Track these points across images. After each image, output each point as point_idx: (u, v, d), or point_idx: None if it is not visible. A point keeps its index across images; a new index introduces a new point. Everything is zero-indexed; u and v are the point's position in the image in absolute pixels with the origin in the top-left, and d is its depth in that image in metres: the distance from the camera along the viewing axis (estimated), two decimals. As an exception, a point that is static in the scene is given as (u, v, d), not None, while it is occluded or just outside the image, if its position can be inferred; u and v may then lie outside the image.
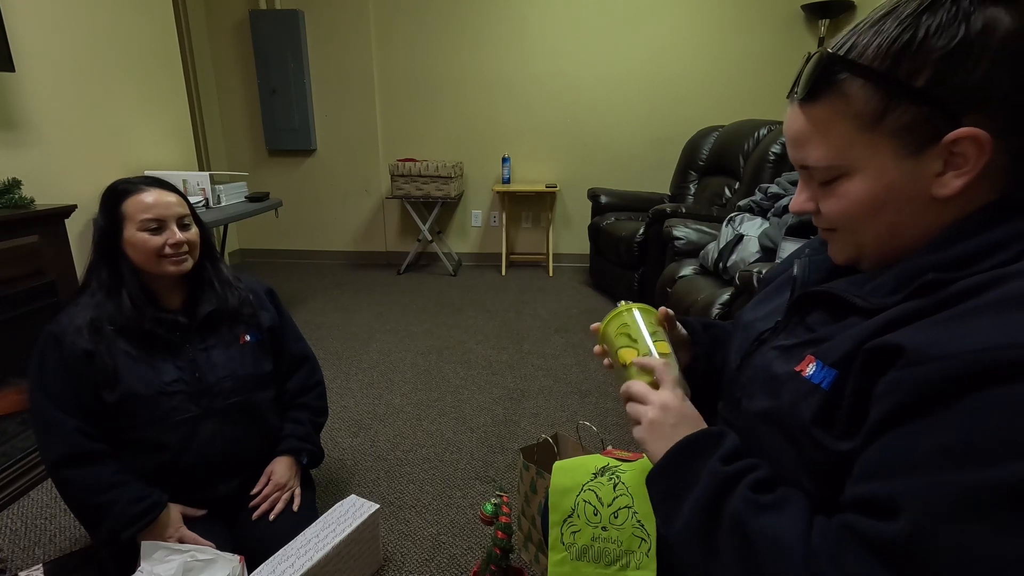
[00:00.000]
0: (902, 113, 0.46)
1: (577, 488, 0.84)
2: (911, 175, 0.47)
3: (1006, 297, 0.40)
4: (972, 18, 0.43)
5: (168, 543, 1.04)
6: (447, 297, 3.37)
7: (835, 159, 0.50)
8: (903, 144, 0.47)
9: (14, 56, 1.76)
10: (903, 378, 0.42)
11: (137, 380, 1.07)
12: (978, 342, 0.39)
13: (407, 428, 1.90)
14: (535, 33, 3.72)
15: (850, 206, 0.51)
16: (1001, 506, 0.36)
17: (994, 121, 0.44)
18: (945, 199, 0.47)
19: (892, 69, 0.46)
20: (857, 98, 0.47)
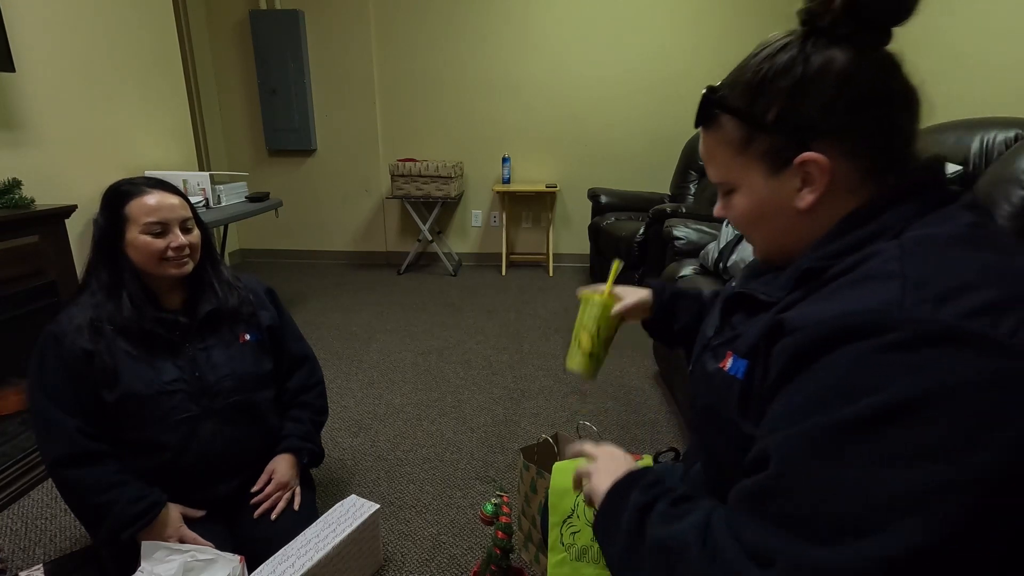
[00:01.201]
0: (761, 142, 0.55)
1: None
2: (776, 191, 0.56)
3: (857, 278, 0.48)
4: (811, 59, 0.52)
5: (168, 543, 1.04)
6: (447, 297, 3.37)
7: (723, 177, 0.60)
8: (766, 166, 0.56)
9: (14, 56, 1.76)
10: (780, 349, 0.49)
11: (137, 380, 1.06)
12: (832, 311, 0.46)
13: (407, 428, 1.90)
14: (535, 33, 3.72)
15: (738, 216, 0.61)
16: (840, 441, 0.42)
17: (839, 145, 0.52)
18: (809, 210, 0.55)
19: (749, 106, 0.55)
20: (728, 129, 0.57)
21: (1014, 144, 1.64)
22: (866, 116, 0.52)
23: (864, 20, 0.51)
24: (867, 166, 0.53)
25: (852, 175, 0.53)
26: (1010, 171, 1.54)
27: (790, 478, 0.44)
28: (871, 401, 0.41)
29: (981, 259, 0.45)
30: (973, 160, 1.71)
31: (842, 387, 0.43)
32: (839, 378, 0.44)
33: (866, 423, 0.42)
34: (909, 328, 0.42)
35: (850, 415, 0.42)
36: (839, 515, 0.41)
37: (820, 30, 0.53)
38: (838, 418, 0.43)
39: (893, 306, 0.43)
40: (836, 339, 0.44)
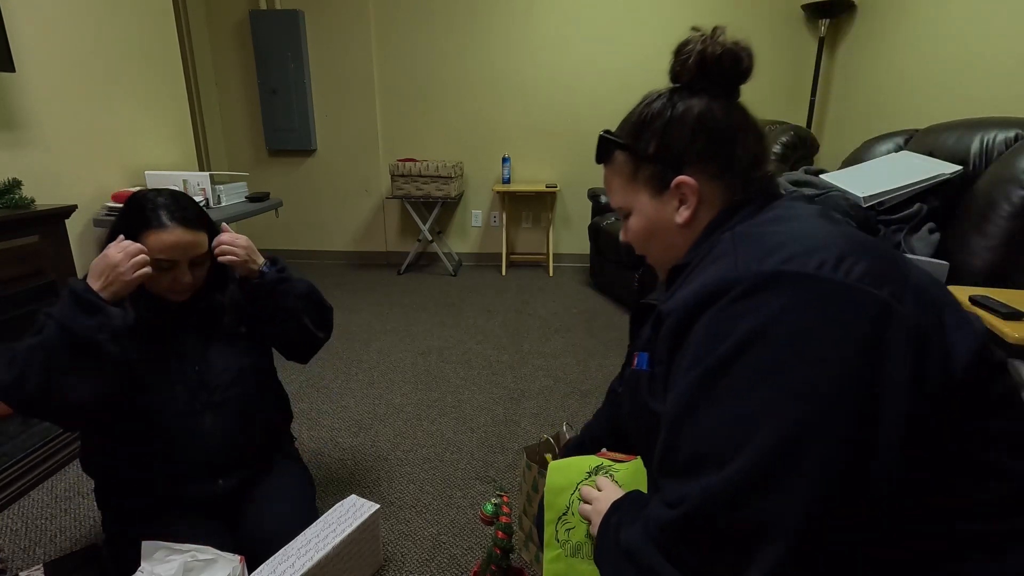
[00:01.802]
0: (645, 170, 0.71)
1: (571, 487, 0.85)
2: (660, 210, 0.71)
3: (705, 264, 0.62)
4: (677, 105, 0.69)
5: (168, 543, 1.04)
6: (447, 297, 3.37)
7: (620, 203, 0.75)
8: (651, 190, 0.71)
9: (14, 56, 1.76)
10: (663, 334, 0.61)
11: (137, 372, 1.06)
12: (692, 289, 0.58)
13: (407, 428, 1.90)
14: (535, 33, 3.72)
15: (635, 234, 0.75)
16: (704, 389, 0.53)
17: (702, 169, 0.68)
18: (685, 224, 0.69)
19: (635, 142, 0.71)
20: (621, 162, 0.74)
21: (1014, 144, 1.64)
22: (719, 147, 0.68)
23: (711, 80, 0.69)
24: (724, 185, 0.68)
25: (714, 193, 0.69)
26: (1010, 171, 1.55)
27: (674, 435, 0.55)
28: (721, 348, 0.52)
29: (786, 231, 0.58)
30: (973, 160, 1.71)
31: (704, 344, 0.54)
32: (700, 340, 0.55)
33: (720, 366, 0.52)
34: (743, 283, 0.53)
35: (709, 363, 0.52)
36: (712, 447, 0.51)
37: (683, 86, 0.71)
38: (702, 369, 0.53)
39: (730, 272, 0.55)
40: (698, 308, 0.56)
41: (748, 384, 0.50)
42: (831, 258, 0.52)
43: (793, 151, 2.67)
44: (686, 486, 0.52)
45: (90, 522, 1.44)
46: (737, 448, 0.49)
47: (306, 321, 1.22)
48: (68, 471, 1.65)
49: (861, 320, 0.49)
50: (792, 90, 3.62)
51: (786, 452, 0.47)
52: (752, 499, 0.48)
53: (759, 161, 0.69)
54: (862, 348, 0.48)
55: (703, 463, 0.51)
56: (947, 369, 0.49)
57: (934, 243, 1.65)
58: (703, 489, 0.50)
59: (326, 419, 1.96)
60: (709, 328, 0.54)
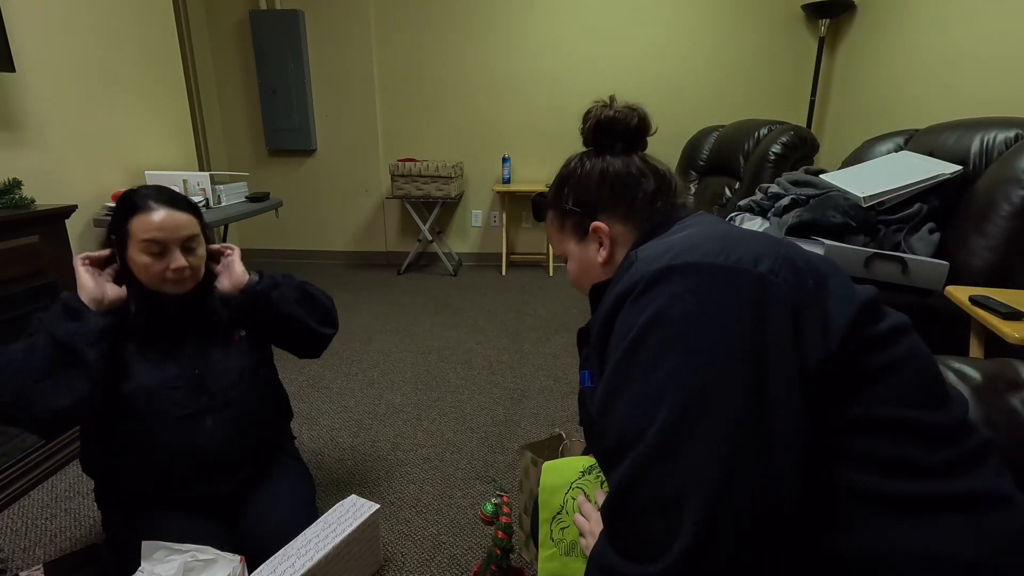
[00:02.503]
0: (568, 221, 0.83)
1: (566, 486, 0.86)
2: (584, 253, 0.82)
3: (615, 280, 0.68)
4: (585, 164, 0.81)
5: (169, 543, 1.04)
6: (447, 297, 3.37)
7: (558, 252, 0.88)
8: (576, 237, 0.83)
9: (14, 56, 1.76)
10: (591, 346, 0.70)
11: (137, 376, 1.07)
12: (604, 306, 0.66)
13: (407, 428, 1.90)
14: (535, 33, 3.72)
15: (572, 277, 0.86)
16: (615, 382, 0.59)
17: (612, 214, 0.79)
18: (606, 262, 0.79)
19: (556, 199, 0.84)
20: (551, 218, 0.87)
21: (1014, 144, 1.64)
22: (621, 193, 0.78)
23: (610, 140, 0.81)
24: (633, 223, 0.78)
25: (625, 231, 0.78)
26: (1010, 171, 1.54)
27: (601, 428, 0.61)
28: (628, 337, 0.58)
29: (679, 237, 0.66)
30: (973, 160, 1.71)
31: (615, 341, 0.60)
32: (614, 338, 0.61)
33: (627, 354, 0.58)
34: (643, 280, 0.59)
35: (618, 354, 0.59)
36: (629, 429, 0.56)
37: (589, 149, 0.83)
38: (612, 363, 0.59)
39: (634, 275, 0.61)
40: (612, 315, 0.63)
41: (651, 363, 0.56)
42: (714, 248, 0.58)
43: (793, 151, 2.67)
44: (614, 473, 0.57)
45: (90, 522, 1.44)
46: (647, 425, 0.54)
47: (310, 323, 1.22)
48: (68, 471, 1.65)
49: (741, 292, 0.55)
50: (792, 90, 3.61)
51: (689, 415, 0.52)
52: (666, 465, 0.52)
53: (661, 196, 0.79)
54: (745, 316, 0.54)
55: (625, 444, 0.56)
56: (825, 338, 0.54)
57: (934, 243, 1.65)
58: (626, 466, 0.55)
59: (326, 419, 1.96)
60: (619, 328, 0.60)
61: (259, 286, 1.17)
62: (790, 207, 1.83)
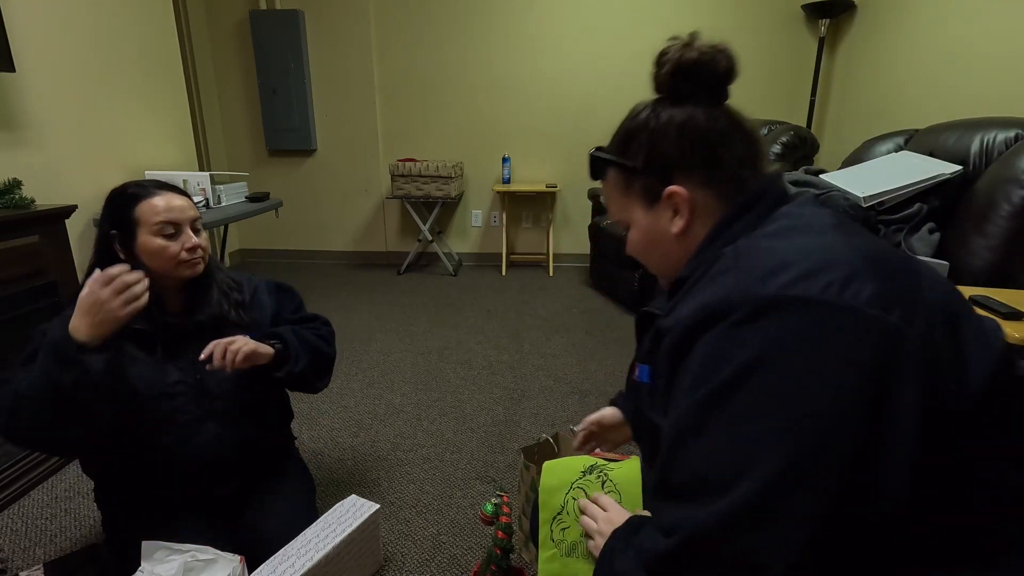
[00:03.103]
0: (636, 183, 0.70)
1: (566, 486, 0.85)
2: (655, 222, 0.70)
3: (706, 280, 0.60)
4: (660, 115, 0.67)
5: (169, 543, 1.04)
6: (447, 297, 3.37)
7: (618, 216, 0.75)
8: (644, 202, 0.70)
9: (14, 56, 1.76)
10: (664, 350, 0.60)
11: (139, 381, 1.06)
12: (691, 308, 0.57)
13: (407, 428, 1.90)
14: (535, 33, 3.72)
15: (634, 248, 0.75)
16: (704, 414, 0.52)
17: (693, 178, 0.66)
18: (681, 233, 0.68)
19: (624, 157, 0.70)
20: (613, 177, 0.73)
21: (1014, 144, 1.64)
22: (704, 154, 0.65)
23: (691, 87, 0.66)
24: (716, 191, 0.66)
25: (709, 200, 0.66)
26: (1010, 171, 1.54)
27: (676, 452, 0.54)
28: (723, 373, 0.51)
29: (794, 244, 0.56)
30: (973, 160, 1.71)
31: (706, 366, 0.53)
32: (703, 359, 0.54)
33: (720, 393, 0.51)
34: (746, 305, 0.51)
35: (711, 387, 0.51)
36: (712, 474, 0.50)
37: (665, 95, 0.69)
38: (701, 396, 0.52)
39: (733, 292, 0.53)
40: (697, 329, 0.55)
41: (748, 413, 0.49)
42: (838, 279, 0.49)
43: (793, 151, 2.67)
44: (680, 512, 0.52)
45: (90, 522, 1.44)
46: (735, 478, 0.48)
47: (311, 378, 1.25)
48: (68, 471, 1.65)
49: (867, 347, 0.47)
50: (792, 90, 3.61)
51: (784, 485, 0.46)
52: (748, 532, 0.47)
53: (750, 163, 0.67)
54: (868, 377, 0.46)
55: (699, 490, 0.51)
56: (961, 389, 0.48)
57: (934, 243, 1.65)
58: (698, 519, 0.50)
59: (326, 419, 1.96)
60: (710, 351, 0.53)
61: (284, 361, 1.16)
62: (790, 207, 1.83)
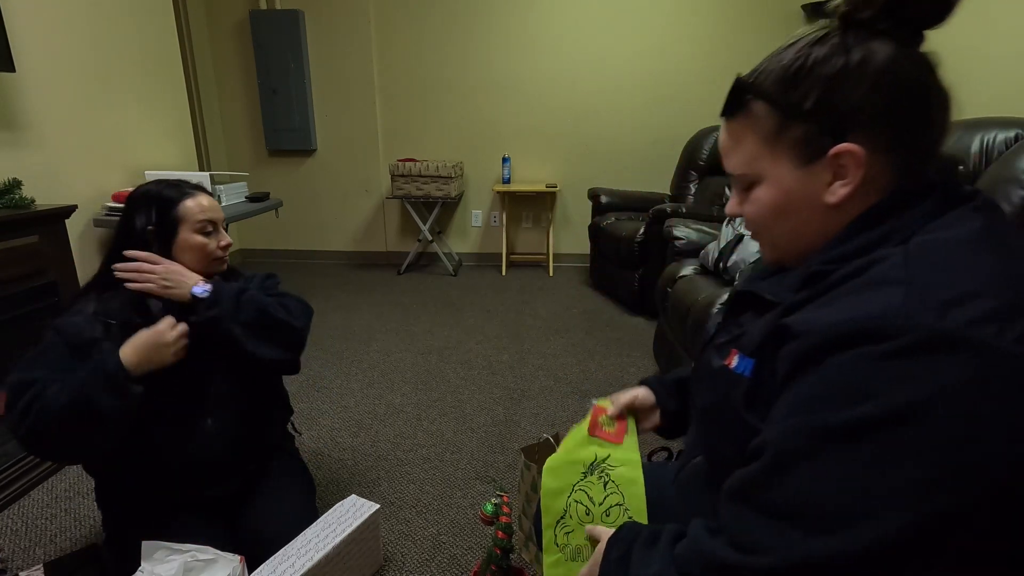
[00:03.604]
0: (795, 130, 0.54)
1: (568, 489, 0.85)
2: (805, 184, 0.55)
3: (862, 283, 0.48)
4: (852, 50, 0.51)
5: (168, 543, 1.04)
6: (447, 297, 3.37)
7: (747, 168, 0.58)
8: (797, 156, 0.54)
9: (14, 56, 1.76)
10: (786, 353, 0.50)
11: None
12: (836, 317, 0.47)
13: (407, 428, 1.90)
14: (535, 33, 3.72)
15: (760, 210, 0.59)
16: (834, 442, 0.44)
17: (875, 138, 0.51)
18: (836, 205, 0.54)
19: (786, 93, 0.53)
20: (760, 117, 0.56)
21: (1014, 144, 1.64)
22: (904, 110, 0.51)
23: (903, 18, 0.51)
24: (899, 162, 0.52)
25: (884, 171, 0.52)
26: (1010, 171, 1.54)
27: (783, 471, 0.46)
28: (865, 407, 0.43)
29: (989, 265, 0.45)
30: (973, 160, 1.71)
31: (842, 390, 0.44)
32: (839, 381, 0.45)
33: (859, 427, 0.43)
34: (910, 335, 0.42)
35: (846, 418, 0.43)
36: (826, 508, 0.44)
37: (859, 23, 0.52)
38: (835, 420, 0.44)
39: (896, 313, 0.43)
40: (840, 344, 0.45)
41: (893, 458, 0.42)
42: None
43: (793, 151, 2.67)
44: (773, 532, 0.45)
45: (90, 522, 1.44)
46: (851, 518, 0.43)
47: (244, 341, 1.11)
48: (68, 471, 1.65)
49: None
50: (792, 90, 3.61)
51: (911, 541, 0.41)
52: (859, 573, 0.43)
53: (941, 134, 0.54)
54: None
55: (806, 518, 0.45)
56: None
57: (934, 243, 1.65)
58: (808, 549, 0.44)
59: (326, 419, 1.96)
60: (850, 376, 0.44)
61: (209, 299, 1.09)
62: (790, 207, 1.82)
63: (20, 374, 0.98)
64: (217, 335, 1.09)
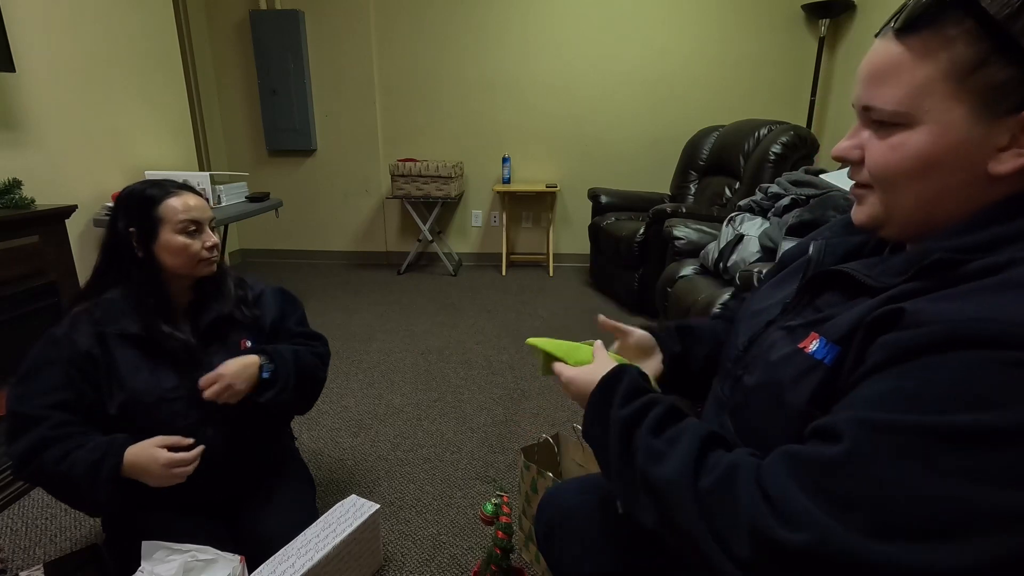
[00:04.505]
0: (998, 71, 0.43)
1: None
2: (976, 141, 0.45)
3: (1003, 282, 0.42)
4: None
5: (168, 544, 1.04)
6: (447, 297, 3.37)
7: (906, 104, 0.47)
8: (983, 105, 0.44)
9: (14, 56, 1.76)
10: (893, 339, 0.44)
11: (138, 386, 1.06)
12: (967, 313, 0.41)
13: (407, 428, 1.90)
14: (535, 33, 3.72)
15: (901, 160, 0.48)
16: (934, 448, 0.39)
17: None
18: (997, 177, 0.45)
19: (1009, 21, 0.42)
20: (958, 41, 0.44)
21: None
22: None
23: None
24: None
25: None
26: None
27: (862, 462, 0.41)
28: (980, 416, 0.38)
29: None
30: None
31: (952, 391, 0.40)
32: (950, 381, 0.40)
33: (967, 436, 0.39)
34: None
35: (953, 423, 0.39)
36: (903, 515, 0.39)
37: None
38: (937, 422, 0.39)
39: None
40: (972, 342, 0.40)
41: (1005, 476, 0.38)
42: None
43: (793, 151, 2.67)
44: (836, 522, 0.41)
45: (90, 522, 1.44)
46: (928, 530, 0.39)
47: (294, 404, 1.23)
48: (68, 471, 1.65)
49: None
50: (792, 90, 3.61)
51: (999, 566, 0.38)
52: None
53: None
54: None
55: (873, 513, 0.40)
56: None
57: (934, 243, 1.65)
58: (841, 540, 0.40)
59: (326, 419, 1.96)
60: (964, 378, 0.40)
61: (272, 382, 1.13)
62: (790, 207, 1.83)
63: (19, 403, 1.00)
64: (275, 409, 1.16)
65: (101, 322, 1.06)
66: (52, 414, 1.00)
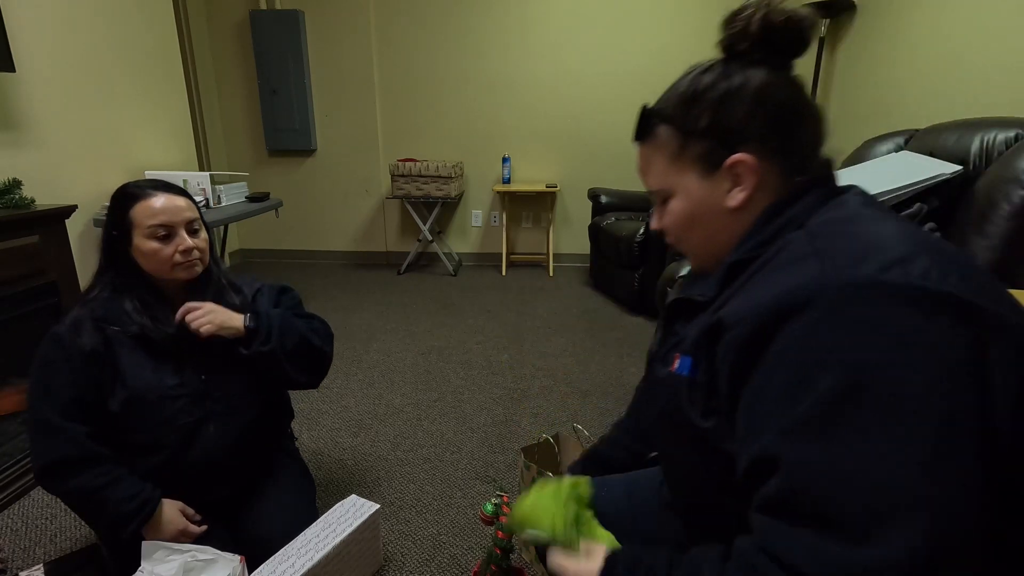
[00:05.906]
0: (695, 147, 0.62)
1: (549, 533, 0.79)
2: (710, 192, 0.63)
3: (778, 264, 0.54)
4: (733, 76, 0.60)
5: (169, 543, 1.04)
6: (447, 297, 3.37)
7: (660, 184, 0.66)
8: (700, 169, 0.62)
9: (14, 56, 1.76)
10: (726, 345, 0.53)
11: (140, 384, 1.06)
12: (764, 297, 0.51)
13: (407, 428, 1.90)
14: (536, 33, 3.72)
15: (675, 220, 0.66)
16: (825, 420, 0.45)
17: (762, 148, 0.60)
18: (738, 208, 0.61)
19: (683, 116, 0.62)
20: (665, 138, 0.64)
21: (1014, 144, 1.64)
22: (781, 123, 0.60)
23: (773, 50, 0.60)
24: (784, 166, 0.61)
25: (772, 174, 0.61)
26: (1010, 171, 1.54)
27: (800, 474, 0.46)
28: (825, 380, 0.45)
29: (877, 229, 0.51)
30: (973, 160, 1.71)
31: (802, 370, 0.47)
32: (796, 363, 0.47)
33: (833, 403, 0.45)
34: (839, 291, 0.46)
35: (817, 399, 0.45)
36: (854, 509, 0.43)
37: (738, 55, 0.62)
38: (814, 399, 0.45)
39: (817, 278, 0.48)
40: (777, 320, 0.49)
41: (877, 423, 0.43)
42: (935, 265, 0.46)
43: (793, 151, 2.67)
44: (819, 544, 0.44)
45: (90, 522, 1.44)
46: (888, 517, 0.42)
47: (287, 368, 1.17)
48: (68, 471, 1.65)
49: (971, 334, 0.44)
50: (792, 90, 3.61)
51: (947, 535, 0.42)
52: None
53: (817, 140, 0.63)
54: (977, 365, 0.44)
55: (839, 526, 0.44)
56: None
57: (934, 243, 1.65)
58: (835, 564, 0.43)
59: (326, 419, 1.96)
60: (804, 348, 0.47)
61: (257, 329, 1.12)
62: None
63: (36, 409, 1.03)
64: (264, 364, 1.14)
65: (103, 321, 1.06)
66: (69, 426, 1.02)
